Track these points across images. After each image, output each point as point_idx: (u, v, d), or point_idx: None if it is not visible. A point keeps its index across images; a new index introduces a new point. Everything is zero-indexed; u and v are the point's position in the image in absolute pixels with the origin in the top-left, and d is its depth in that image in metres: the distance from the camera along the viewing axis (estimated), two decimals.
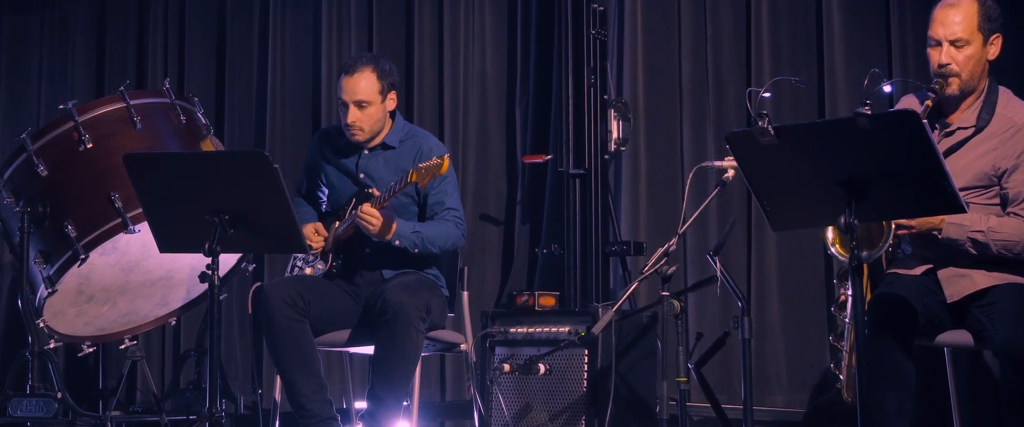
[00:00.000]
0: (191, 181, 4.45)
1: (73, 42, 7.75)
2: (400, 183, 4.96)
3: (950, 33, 4.36)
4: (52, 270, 5.61)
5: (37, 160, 5.64)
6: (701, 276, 5.94)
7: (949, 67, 4.37)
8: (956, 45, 4.37)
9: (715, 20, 6.32)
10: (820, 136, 3.88)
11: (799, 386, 6.02)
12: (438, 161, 4.88)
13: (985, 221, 4.27)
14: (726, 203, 6.13)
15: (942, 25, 4.38)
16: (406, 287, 4.98)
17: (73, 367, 7.00)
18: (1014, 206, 4.33)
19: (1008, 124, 4.36)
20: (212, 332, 4.50)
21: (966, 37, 4.36)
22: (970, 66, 4.38)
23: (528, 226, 6.72)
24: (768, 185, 3.95)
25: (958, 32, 4.36)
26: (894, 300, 4.31)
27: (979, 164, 4.36)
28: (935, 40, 4.39)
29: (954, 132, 4.41)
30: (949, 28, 4.37)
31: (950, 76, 4.37)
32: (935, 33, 4.39)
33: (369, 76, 5.16)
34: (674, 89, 6.38)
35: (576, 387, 5.46)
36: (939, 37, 4.38)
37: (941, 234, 4.28)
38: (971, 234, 4.26)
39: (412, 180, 4.90)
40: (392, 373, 4.89)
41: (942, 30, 4.38)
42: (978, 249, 4.28)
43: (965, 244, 4.27)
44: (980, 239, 4.26)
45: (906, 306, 4.29)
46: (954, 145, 4.39)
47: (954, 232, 4.27)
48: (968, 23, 4.36)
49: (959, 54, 4.37)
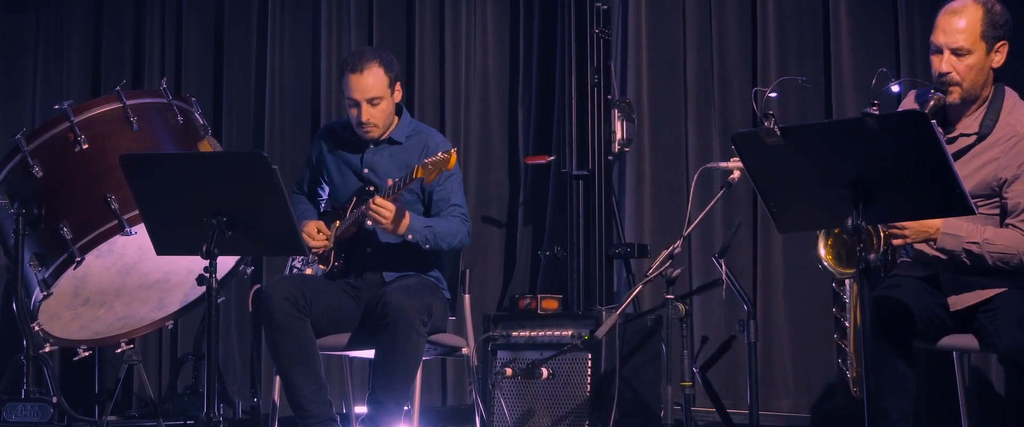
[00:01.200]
0: (188, 182, 4.45)
1: (68, 41, 7.76)
2: (406, 178, 4.95)
3: (952, 41, 4.29)
4: (47, 273, 5.62)
5: (32, 161, 5.64)
6: (706, 279, 5.94)
7: (949, 76, 4.29)
8: (957, 54, 4.29)
9: (720, 18, 6.32)
10: (827, 137, 3.87)
11: (806, 390, 6.02)
12: (445, 156, 4.87)
13: (981, 232, 4.23)
14: (731, 205, 6.13)
15: (944, 32, 4.30)
16: (407, 290, 4.98)
17: (69, 371, 7.01)
18: (1012, 218, 4.27)
19: (1011, 133, 4.29)
20: (210, 335, 4.50)
21: (968, 46, 4.28)
22: (972, 76, 4.30)
23: (531, 228, 6.72)
24: (774, 186, 3.95)
25: (960, 41, 4.28)
26: (891, 304, 4.29)
27: (981, 173, 4.31)
28: (936, 47, 4.32)
29: (957, 139, 4.36)
30: (951, 36, 4.29)
31: (951, 85, 4.31)
32: (937, 40, 4.32)
33: (377, 71, 5.15)
34: (679, 89, 6.38)
35: (579, 392, 5.47)
36: (941, 44, 4.31)
37: (936, 244, 4.24)
38: (966, 245, 4.22)
39: (418, 176, 4.89)
40: (393, 377, 4.89)
41: (944, 37, 4.30)
42: (973, 261, 4.23)
43: (960, 255, 4.24)
44: (975, 251, 4.22)
45: (903, 310, 4.27)
46: (956, 153, 4.31)
47: (949, 243, 4.23)
48: (971, 31, 4.28)
49: (961, 63, 4.29)
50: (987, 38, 4.30)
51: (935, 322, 4.36)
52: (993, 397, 5.42)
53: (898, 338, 4.25)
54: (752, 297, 5.97)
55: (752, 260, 6.15)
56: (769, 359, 6.03)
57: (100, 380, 6.85)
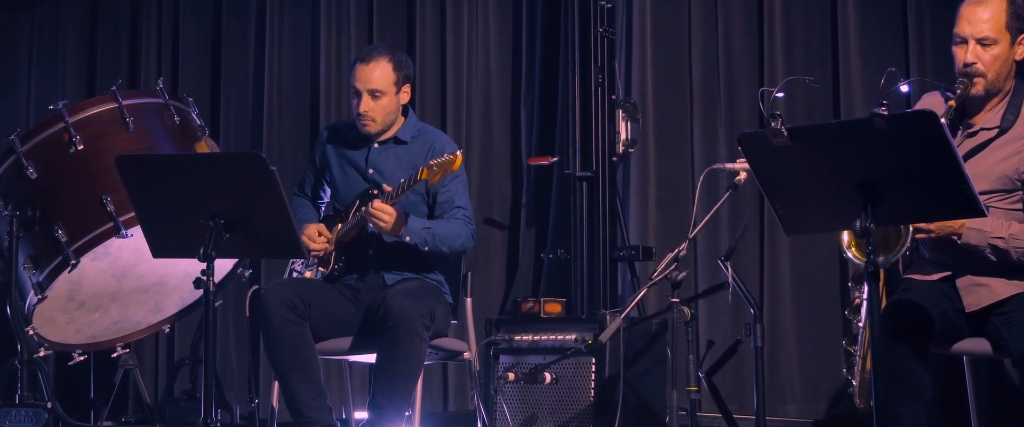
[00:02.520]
0: (185, 184, 4.45)
1: (63, 40, 7.76)
2: (410, 180, 4.98)
3: (977, 31, 4.33)
4: (42, 276, 5.62)
5: (26, 162, 5.65)
6: (712, 282, 5.95)
7: (975, 66, 4.34)
8: (983, 44, 4.33)
9: (726, 17, 6.32)
10: (835, 137, 3.87)
11: (813, 395, 6.02)
12: (451, 158, 4.91)
13: (1006, 227, 4.26)
14: (738, 207, 6.14)
15: (969, 23, 4.35)
16: (409, 293, 4.99)
17: (64, 376, 7.01)
18: None
19: None
20: (207, 340, 4.50)
21: (994, 36, 4.33)
22: (996, 66, 4.35)
23: (533, 230, 6.72)
24: (781, 188, 3.95)
25: (985, 30, 4.33)
26: (909, 307, 4.30)
27: (1002, 167, 4.34)
28: (961, 37, 4.36)
29: (977, 133, 4.40)
30: (976, 26, 4.34)
31: (975, 76, 4.34)
32: (961, 30, 4.36)
33: (385, 66, 5.20)
34: (684, 89, 6.39)
35: (583, 397, 5.47)
36: (965, 35, 4.35)
37: (961, 240, 4.27)
38: (991, 240, 4.25)
39: (422, 177, 4.92)
40: (394, 382, 4.89)
41: (969, 28, 4.34)
42: (998, 256, 4.26)
43: (985, 250, 4.26)
44: (1001, 246, 4.25)
45: (922, 313, 4.28)
46: (977, 147, 4.37)
47: (974, 238, 4.26)
48: (996, 21, 4.33)
49: (986, 53, 4.33)
50: (1011, 29, 4.36)
51: (950, 327, 4.36)
52: (1006, 402, 5.42)
53: (914, 341, 4.25)
54: (759, 300, 5.97)
55: (759, 263, 6.15)
56: (776, 364, 6.03)
57: (96, 385, 6.85)
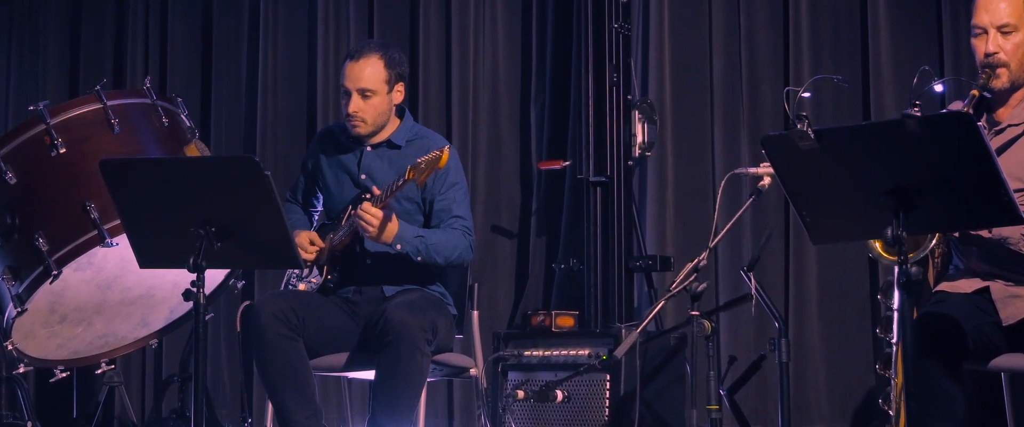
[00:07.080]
0: (174, 189, 4.46)
1: (45, 37, 7.79)
2: (398, 182, 4.96)
3: (996, 19, 4.37)
4: (21, 287, 5.63)
5: (5, 167, 5.65)
6: (734, 294, 5.95)
7: (997, 56, 4.37)
8: (1003, 31, 4.37)
9: (750, 12, 6.33)
10: (865, 140, 3.88)
11: (841, 414, 6.03)
12: (437, 154, 4.87)
13: None
14: (761, 213, 6.14)
15: (987, 11, 4.39)
16: (410, 306, 4.98)
17: (45, 393, 7.03)
18: None
19: None
20: (197, 355, 4.50)
21: (1014, 23, 4.36)
22: (1019, 55, 4.38)
23: (544, 239, 6.73)
24: (807, 194, 3.96)
25: (1005, 17, 4.36)
26: (941, 321, 4.30)
27: None
28: (980, 28, 4.40)
29: (1004, 130, 4.41)
30: (995, 14, 4.37)
31: (998, 66, 4.37)
32: (980, 20, 4.40)
33: (376, 63, 5.19)
34: (705, 88, 6.39)
35: (597, 415, 5.47)
36: (984, 24, 4.38)
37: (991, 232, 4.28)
38: None
39: (409, 177, 4.90)
40: (395, 400, 4.90)
41: (987, 16, 4.38)
42: None
43: (1019, 243, 4.26)
44: None
45: (954, 327, 4.28)
46: (1004, 144, 4.38)
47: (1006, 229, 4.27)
48: (1015, 7, 4.37)
49: (1007, 42, 4.37)
50: None
51: (986, 343, 4.36)
52: None
53: (947, 357, 4.25)
54: (784, 314, 5.98)
55: (784, 274, 6.15)
56: (802, 381, 6.04)
57: (79, 403, 6.86)
